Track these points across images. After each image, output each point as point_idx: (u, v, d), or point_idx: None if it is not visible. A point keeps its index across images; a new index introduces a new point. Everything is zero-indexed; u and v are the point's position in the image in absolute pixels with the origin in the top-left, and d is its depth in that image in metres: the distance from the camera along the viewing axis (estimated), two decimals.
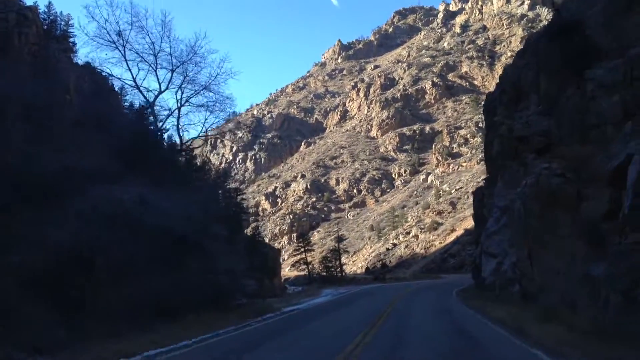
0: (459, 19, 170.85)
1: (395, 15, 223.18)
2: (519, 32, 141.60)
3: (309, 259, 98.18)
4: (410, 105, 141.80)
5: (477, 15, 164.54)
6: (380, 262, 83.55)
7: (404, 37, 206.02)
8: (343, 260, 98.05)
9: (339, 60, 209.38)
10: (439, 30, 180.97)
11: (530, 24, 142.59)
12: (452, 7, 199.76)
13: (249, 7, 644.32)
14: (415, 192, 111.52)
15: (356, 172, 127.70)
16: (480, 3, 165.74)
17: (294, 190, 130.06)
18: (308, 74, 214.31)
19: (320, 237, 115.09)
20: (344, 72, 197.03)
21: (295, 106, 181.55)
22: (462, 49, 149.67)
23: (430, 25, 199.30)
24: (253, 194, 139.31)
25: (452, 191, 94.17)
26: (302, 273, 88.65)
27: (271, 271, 59.68)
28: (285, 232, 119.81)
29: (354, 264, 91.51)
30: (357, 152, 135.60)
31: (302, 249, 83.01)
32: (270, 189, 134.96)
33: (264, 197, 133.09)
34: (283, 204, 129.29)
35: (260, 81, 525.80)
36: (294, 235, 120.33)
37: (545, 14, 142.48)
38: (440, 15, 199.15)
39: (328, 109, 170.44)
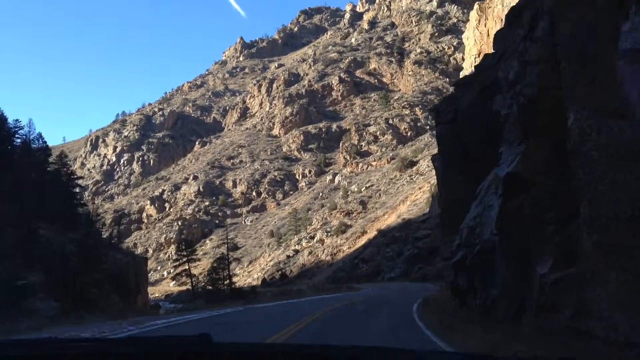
0: (367, 16, 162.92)
1: (300, 15, 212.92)
2: (429, 28, 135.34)
3: (196, 271, 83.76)
4: (316, 102, 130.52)
5: (385, 12, 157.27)
6: (280, 272, 70.34)
7: (309, 36, 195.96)
8: (237, 270, 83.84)
9: (241, 59, 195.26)
10: (346, 30, 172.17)
11: (439, 21, 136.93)
12: (359, 8, 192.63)
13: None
14: (321, 194, 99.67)
15: (256, 172, 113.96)
16: (388, 0, 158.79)
17: (185, 194, 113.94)
18: (207, 72, 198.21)
19: (213, 246, 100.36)
20: (246, 70, 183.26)
21: (190, 104, 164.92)
22: (370, 45, 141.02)
23: (337, 26, 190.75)
24: (137, 199, 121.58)
25: (362, 189, 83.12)
26: (186, 288, 73.73)
27: (129, 286, 44.72)
28: (172, 240, 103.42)
29: (249, 275, 77.54)
30: (258, 151, 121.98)
31: (186, 259, 68.27)
32: (157, 193, 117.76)
33: (149, 202, 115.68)
34: (172, 209, 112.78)
35: (156, 82, 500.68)
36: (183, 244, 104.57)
37: (455, 12, 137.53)
38: (347, 16, 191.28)
39: (227, 108, 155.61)
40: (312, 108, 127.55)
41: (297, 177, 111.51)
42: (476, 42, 49.28)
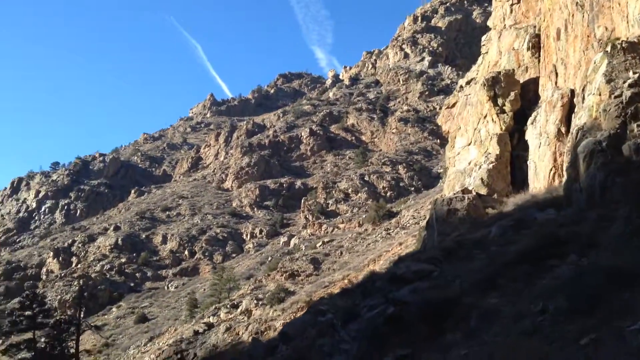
0: (349, 73, 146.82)
1: (279, 78, 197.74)
2: (418, 87, 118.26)
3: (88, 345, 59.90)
4: (281, 155, 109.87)
5: (369, 69, 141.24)
6: (178, 355, 45.71)
7: (286, 100, 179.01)
8: (131, 350, 58.45)
9: (208, 115, 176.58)
10: (325, 90, 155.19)
11: (431, 82, 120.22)
12: (342, 76, 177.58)
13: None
14: (270, 259, 76.15)
15: (193, 228, 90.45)
16: (374, 57, 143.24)
17: (99, 247, 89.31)
18: (169, 127, 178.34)
19: (118, 315, 75.08)
20: (211, 126, 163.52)
21: (139, 154, 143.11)
22: (350, 100, 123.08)
23: (317, 90, 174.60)
24: (41, 250, 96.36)
25: (318, 245, 60.29)
26: None
27: None
28: (68, 304, 77.60)
29: (143, 356, 52.20)
30: (201, 204, 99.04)
31: (31, 319, 43.43)
32: (65, 244, 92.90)
33: (52, 254, 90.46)
34: (79, 265, 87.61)
35: (113, 138, 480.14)
36: (83, 309, 78.76)
37: (448, 73, 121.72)
38: (329, 82, 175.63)
39: (181, 159, 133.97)
40: (275, 161, 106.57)
41: (244, 237, 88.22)
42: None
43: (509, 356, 10.94)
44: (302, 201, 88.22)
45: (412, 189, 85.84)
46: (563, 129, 23.72)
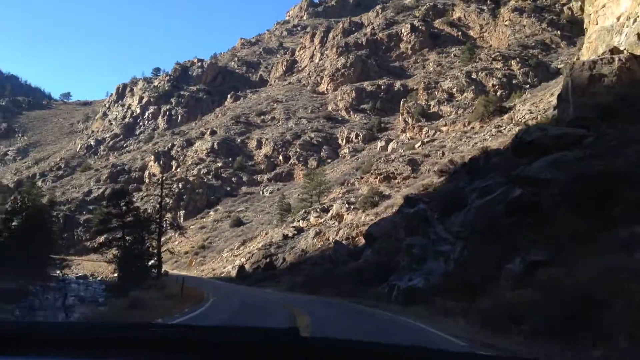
0: None
1: None
2: None
3: (185, 247, 60.56)
4: (379, 54, 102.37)
5: None
6: (267, 260, 43.75)
7: None
8: (225, 253, 58.00)
9: (305, 17, 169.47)
10: None
11: None
12: None
13: None
14: (365, 164, 71.95)
15: (288, 132, 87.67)
16: None
17: (196, 151, 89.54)
18: (267, 32, 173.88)
19: (215, 219, 75.56)
20: (308, 29, 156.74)
21: (237, 59, 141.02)
22: None
23: None
24: (144, 154, 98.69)
25: (416, 146, 54.73)
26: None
27: None
28: (170, 207, 79.08)
29: (233, 261, 51.27)
30: (296, 107, 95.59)
31: (120, 218, 42.59)
32: (165, 148, 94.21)
33: (153, 158, 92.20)
34: (178, 169, 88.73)
35: (210, 43, 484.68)
36: (182, 212, 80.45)
37: None
38: None
39: (276, 63, 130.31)
40: (372, 61, 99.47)
41: (339, 141, 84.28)
42: None
43: None
44: (401, 103, 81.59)
45: (527, 86, 76.12)
46: None
